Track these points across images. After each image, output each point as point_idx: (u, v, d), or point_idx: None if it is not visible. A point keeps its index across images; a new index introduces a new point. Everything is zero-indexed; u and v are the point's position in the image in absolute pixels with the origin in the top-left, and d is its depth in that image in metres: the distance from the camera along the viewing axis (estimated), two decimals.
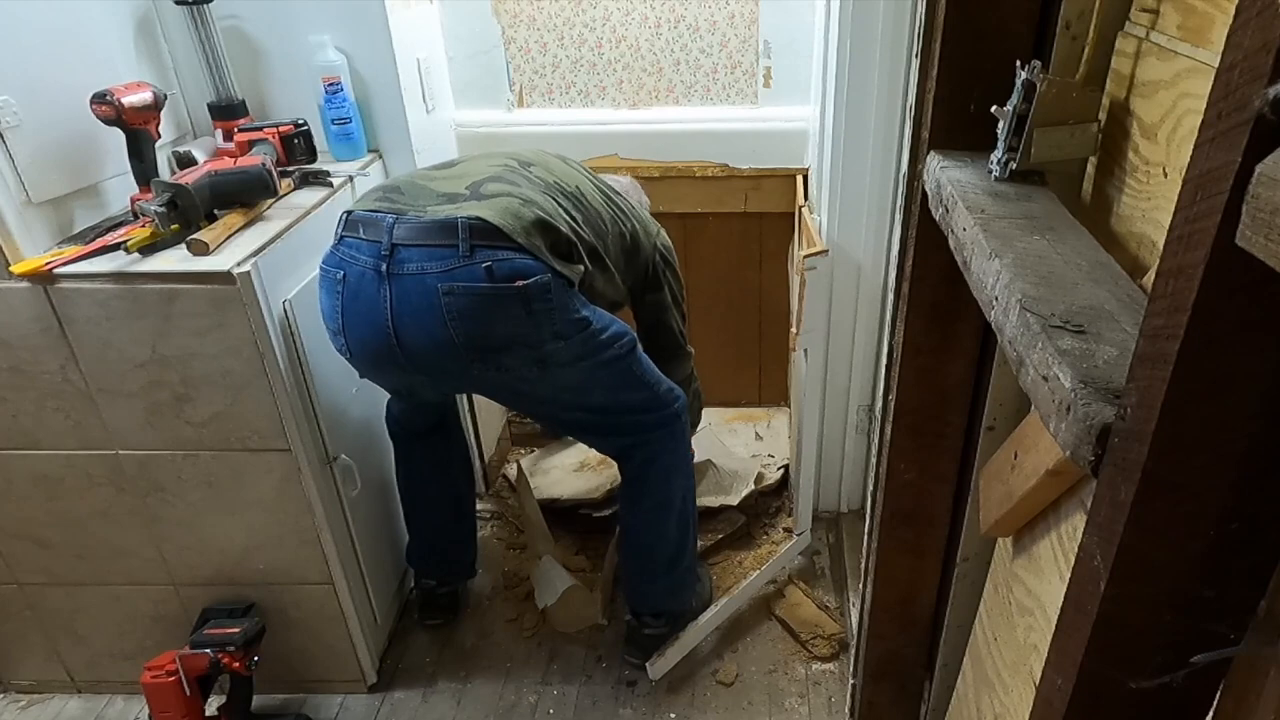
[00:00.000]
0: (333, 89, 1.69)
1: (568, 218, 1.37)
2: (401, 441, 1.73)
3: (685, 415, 1.62)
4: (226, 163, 1.49)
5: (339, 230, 1.35)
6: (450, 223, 1.26)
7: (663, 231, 1.69)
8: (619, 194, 1.58)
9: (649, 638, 1.72)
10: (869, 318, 1.83)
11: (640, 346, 1.51)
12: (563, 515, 2.06)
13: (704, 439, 2.13)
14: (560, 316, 1.31)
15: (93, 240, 1.35)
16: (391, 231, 1.28)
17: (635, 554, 1.69)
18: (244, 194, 1.45)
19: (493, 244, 1.26)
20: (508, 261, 1.26)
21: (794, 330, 1.82)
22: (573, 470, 2.15)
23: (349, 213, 1.35)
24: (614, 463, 1.66)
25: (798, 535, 1.97)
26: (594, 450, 1.78)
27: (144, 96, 1.40)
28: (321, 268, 1.37)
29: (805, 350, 1.79)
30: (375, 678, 1.73)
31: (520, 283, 1.26)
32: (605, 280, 1.48)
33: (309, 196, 1.56)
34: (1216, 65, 0.37)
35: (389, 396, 1.69)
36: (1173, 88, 0.66)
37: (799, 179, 2.01)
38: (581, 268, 1.37)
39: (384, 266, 1.27)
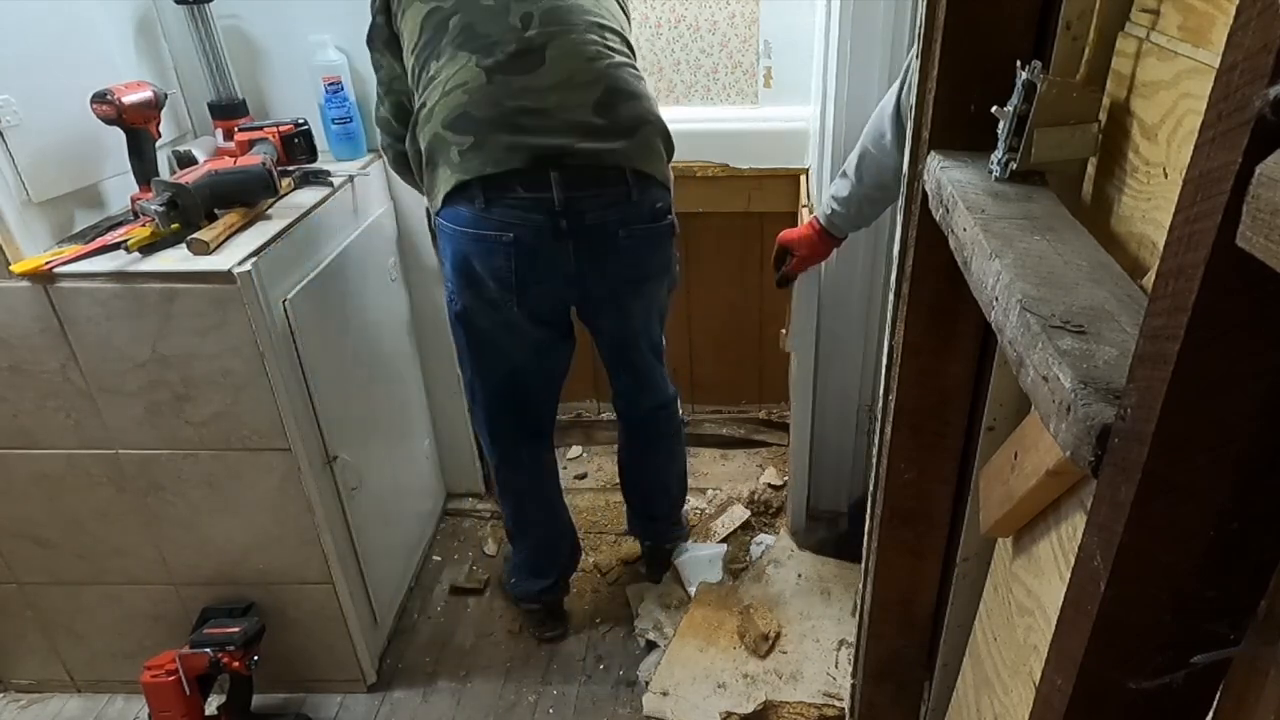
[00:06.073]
0: (333, 88, 1.69)
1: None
2: (514, 447, 1.66)
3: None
4: (227, 162, 1.49)
5: (475, 195, 1.32)
6: (614, 169, 1.36)
7: None
8: None
9: (668, 550, 1.94)
10: (869, 318, 1.83)
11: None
12: None
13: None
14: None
15: (93, 239, 1.35)
16: (556, 186, 1.32)
17: (654, 489, 1.88)
18: (244, 193, 1.45)
19: (647, 185, 1.41)
20: (663, 200, 1.45)
21: (783, 330, 1.82)
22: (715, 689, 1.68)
23: (481, 177, 1.31)
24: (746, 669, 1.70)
25: (791, 535, 1.97)
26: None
27: (144, 96, 1.40)
28: (469, 232, 1.35)
29: (795, 350, 1.80)
30: (375, 677, 1.73)
31: (669, 217, 1.47)
32: None
33: (309, 196, 1.56)
34: (1217, 65, 0.37)
35: (487, 418, 1.63)
36: (1173, 88, 0.66)
37: (802, 179, 2.01)
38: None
39: (562, 223, 1.34)
